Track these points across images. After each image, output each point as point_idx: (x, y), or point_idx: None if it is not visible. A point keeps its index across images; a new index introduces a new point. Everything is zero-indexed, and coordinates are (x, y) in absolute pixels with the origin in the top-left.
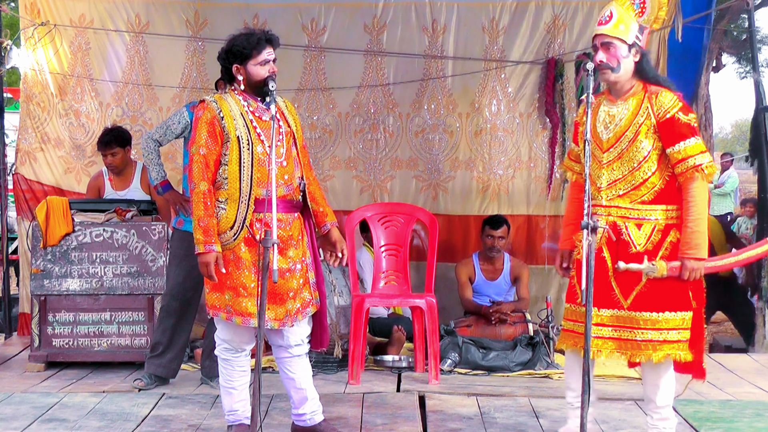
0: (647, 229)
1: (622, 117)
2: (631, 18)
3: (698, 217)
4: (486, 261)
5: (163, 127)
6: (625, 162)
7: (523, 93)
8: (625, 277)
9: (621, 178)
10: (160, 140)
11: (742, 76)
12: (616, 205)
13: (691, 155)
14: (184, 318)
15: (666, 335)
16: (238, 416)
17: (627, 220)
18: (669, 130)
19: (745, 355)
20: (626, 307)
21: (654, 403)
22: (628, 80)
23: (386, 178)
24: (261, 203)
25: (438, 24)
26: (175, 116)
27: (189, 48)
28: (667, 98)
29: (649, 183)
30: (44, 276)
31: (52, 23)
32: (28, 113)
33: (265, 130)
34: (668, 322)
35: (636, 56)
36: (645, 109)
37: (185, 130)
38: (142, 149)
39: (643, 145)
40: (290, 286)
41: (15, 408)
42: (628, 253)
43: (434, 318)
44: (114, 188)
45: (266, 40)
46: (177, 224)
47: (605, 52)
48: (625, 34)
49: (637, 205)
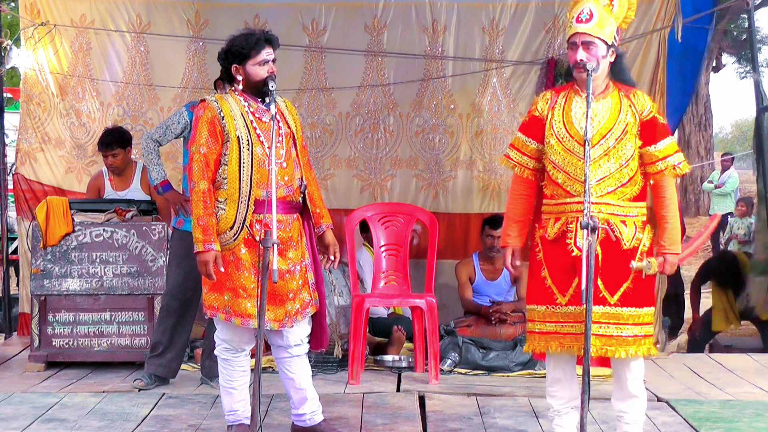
0: (631, 226)
1: (604, 114)
2: (609, 17)
3: (675, 214)
4: (486, 261)
5: (163, 127)
6: (612, 159)
7: (523, 93)
8: (613, 274)
9: (608, 176)
10: (160, 140)
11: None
12: (605, 202)
13: (669, 154)
14: (184, 318)
15: (645, 330)
16: (238, 416)
17: (616, 217)
18: (651, 129)
19: (745, 355)
20: (612, 303)
21: (637, 398)
22: (603, 79)
23: (386, 177)
24: (261, 204)
25: (438, 24)
26: (174, 116)
27: (190, 48)
28: (645, 98)
29: (634, 180)
30: (44, 276)
31: (52, 23)
32: (28, 113)
33: (265, 131)
34: (645, 317)
35: (612, 56)
36: (628, 107)
37: (185, 129)
38: (141, 149)
39: (630, 143)
40: (290, 287)
41: (15, 408)
42: (620, 249)
43: (434, 318)
44: (114, 188)
45: (265, 41)
46: (177, 224)
47: (586, 50)
48: (606, 35)
49: (624, 202)
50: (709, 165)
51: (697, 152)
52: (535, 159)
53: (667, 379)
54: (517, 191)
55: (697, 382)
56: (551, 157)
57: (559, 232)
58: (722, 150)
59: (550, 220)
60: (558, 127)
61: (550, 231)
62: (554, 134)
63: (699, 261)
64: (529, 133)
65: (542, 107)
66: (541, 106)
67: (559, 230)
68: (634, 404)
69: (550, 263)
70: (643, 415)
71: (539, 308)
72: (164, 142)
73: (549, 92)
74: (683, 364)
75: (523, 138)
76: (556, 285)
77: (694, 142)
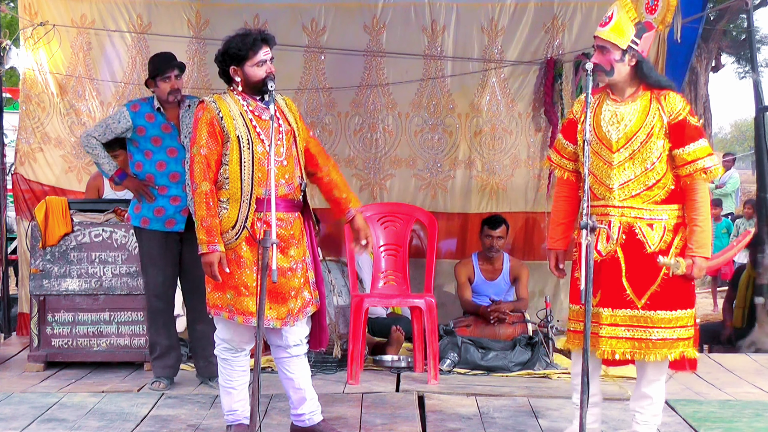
0: (659, 229)
1: (631, 118)
2: (628, 22)
3: (706, 217)
4: (485, 261)
5: (102, 126)
6: (637, 162)
7: (522, 93)
8: (639, 278)
9: (633, 179)
10: (99, 139)
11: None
12: (629, 206)
13: (700, 157)
14: (169, 316)
15: (679, 333)
16: (238, 416)
17: (640, 221)
18: (680, 132)
19: (745, 355)
20: (640, 306)
21: (651, 399)
22: (628, 82)
23: (386, 176)
24: (262, 203)
25: (437, 24)
26: (115, 115)
27: (190, 48)
28: (677, 100)
29: (662, 183)
30: (43, 276)
31: (51, 23)
32: (27, 113)
33: (265, 129)
34: (679, 320)
35: (632, 61)
36: (656, 110)
37: (127, 130)
38: (84, 147)
39: (656, 146)
40: (292, 284)
41: (14, 408)
42: (643, 253)
43: (433, 318)
44: (113, 188)
45: (262, 40)
46: (141, 223)
47: (599, 54)
48: (618, 40)
49: (650, 205)
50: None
51: None
52: (572, 161)
53: (667, 379)
54: (559, 193)
55: (696, 382)
56: (581, 159)
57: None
58: (721, 150)
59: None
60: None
61: (577, 234)
62: (581, 138)
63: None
64: (566, 135)
65: (577, 110)
66: (577, 109)
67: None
68: (647, 405)
69: (578, 264)
70: (656, 418)
71: (574, 307)
72: (104, 140)
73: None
74: None
75: (561, 140)
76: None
77: None
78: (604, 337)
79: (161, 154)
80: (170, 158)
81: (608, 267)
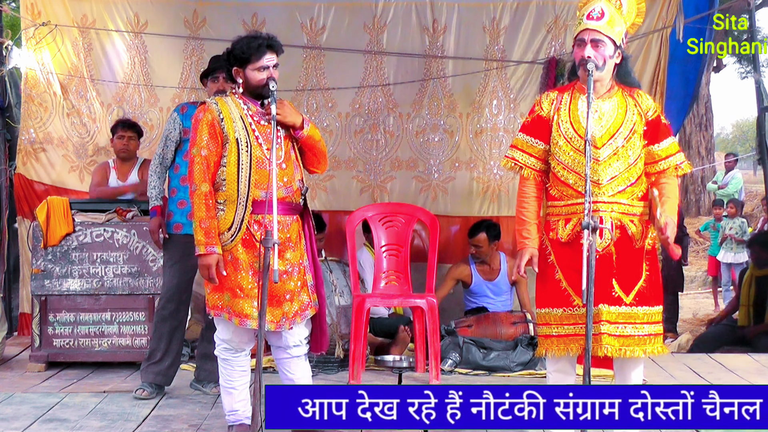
0: (639, 225)
1: (611, 114)
2: (620, 19)
3: (674, 211)
4: (481, 262)
5: (163, 140)
6: (621, 159)
7: (524, 93)
8: (626, 274)
9: (618, 175)
10: (163, 153)
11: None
12: (617, 201)
13: (671, 154)
14: (179, 321)
15: (656, 328)
16: (239, 416)
17: (627, 217)
18: (656, 128)
19: (745, 355)
20: (627, 303)
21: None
22: (608, 79)
23: (386, 178)
24: (259, 205)
25: (438, 24)
26: (168, 124)
27: (188, 47)
28: (648, 98)
29: (641, 180)
30: (45, 276)
31: (53, 24)
32: (29, 113)
33: (263, 134)
34: (656, 315)
35: (618, 58)
36: (633, 106)
37: (180, 133)
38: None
39: (637, 143)
40: (287, 288)
41: (16, 408)
42: (633, 248)
43: (435, 318)
44: (118, 177)
45: (267, 46)
46: (174, 228)
47: (594, 48)
48: (615, 35)
49: (634, 201)
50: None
51: (698, 152)
52: (542, 160)
53: (667, 379)
54: (528, 193)
55: (697, 382)
56: (560, 157)
57: (573, 234)
58: (723, 150)
59: (560, 222)
60: (565, 128)
61: (562, 233)
62: (562, 135)
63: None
64: (534, 133)
65: (547, 107)
66: (546, 107)
67: (572, 232)
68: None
69: (563, 265)
70: None
71: (556, 311)
72: (168, 153)
73: (553, 92)
74: (684, 364)
75: (527, 139)
76: (572, 287)
77: (694, 142)
78: (596, 335)
79: None
80: None
81: (599, 264)
